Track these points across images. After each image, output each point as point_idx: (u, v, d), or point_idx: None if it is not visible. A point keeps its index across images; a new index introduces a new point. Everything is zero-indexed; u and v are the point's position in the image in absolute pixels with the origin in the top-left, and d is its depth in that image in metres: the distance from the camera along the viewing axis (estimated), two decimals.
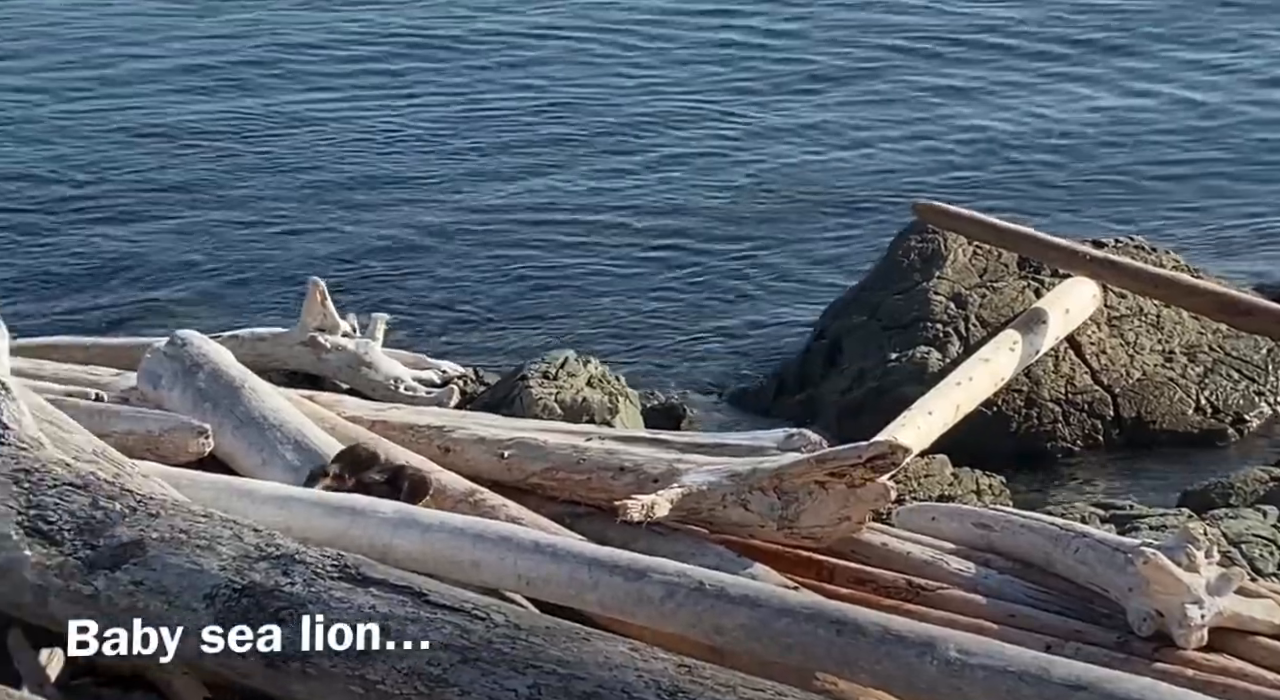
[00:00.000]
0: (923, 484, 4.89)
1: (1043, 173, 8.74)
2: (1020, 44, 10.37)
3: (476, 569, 3.38)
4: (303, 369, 5.51)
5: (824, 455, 3.72)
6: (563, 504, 3.92)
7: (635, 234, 8.02)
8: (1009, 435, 5.74)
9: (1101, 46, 10.30)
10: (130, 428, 4.04)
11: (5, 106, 9.54)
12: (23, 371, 4.33)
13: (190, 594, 2.87)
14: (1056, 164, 8.84)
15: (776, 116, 9.45)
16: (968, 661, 2.94)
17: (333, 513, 3.55)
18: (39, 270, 7.52)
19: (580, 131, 9.22)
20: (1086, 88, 9.79)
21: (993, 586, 3.65)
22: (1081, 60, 10.15)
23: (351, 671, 2.76)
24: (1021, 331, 5.59)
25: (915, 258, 6.18)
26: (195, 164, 8.77)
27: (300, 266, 7.40)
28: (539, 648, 2.72)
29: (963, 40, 10.46)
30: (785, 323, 7.16)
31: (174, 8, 11.16)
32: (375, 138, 9.13)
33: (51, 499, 3.03)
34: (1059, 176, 8.68)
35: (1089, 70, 10.04)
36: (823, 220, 8.19)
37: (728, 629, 3.13)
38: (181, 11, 11.08)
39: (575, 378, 5.35)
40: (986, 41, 10.38)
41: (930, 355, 5.78)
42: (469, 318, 7.20)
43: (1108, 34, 10.46)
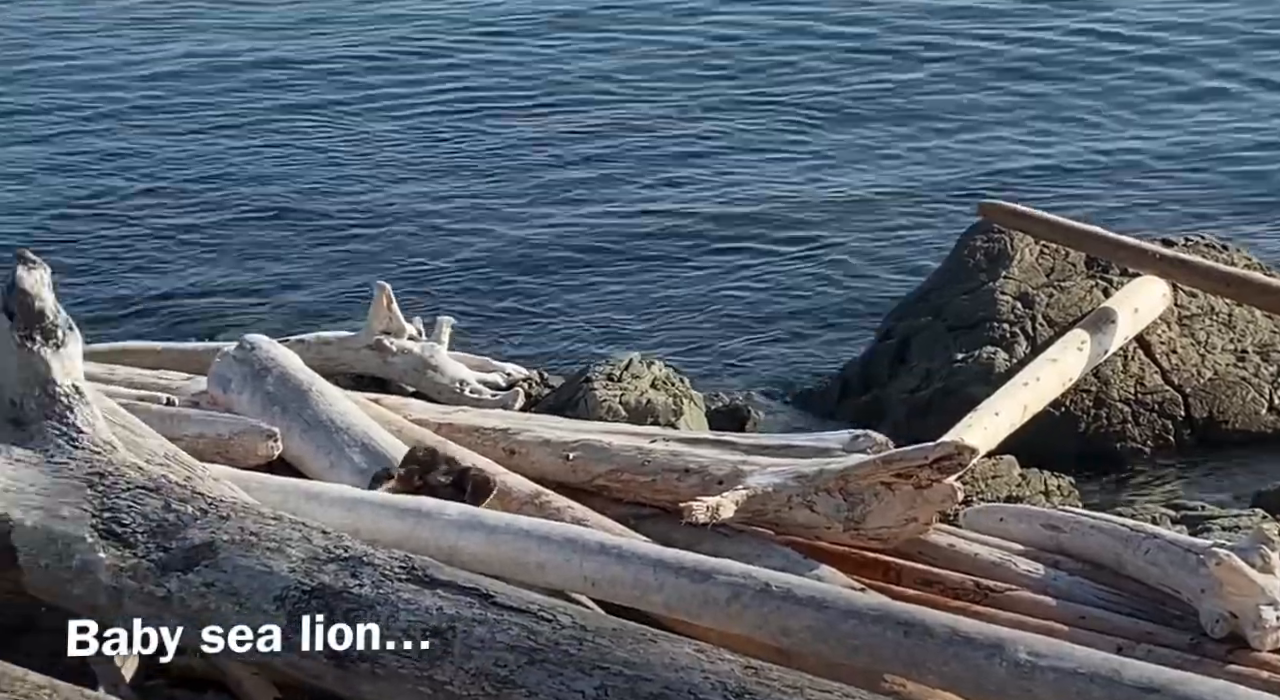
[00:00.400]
0: (990, 485, 4.85)
1: (1110, 172, 8.66)
2: (1085, 48, 10.29)
3: (542, 570, 3.39)
4: (369, 372, 5.54)
5: (890, 456, 3.70)
6: (627, 506, 3.92)
7: (700, 236, 8.02)
8: (1077, 436, 5.68)
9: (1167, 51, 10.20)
10: (201, 431, 4.09)
11: (70, 110, 9.68)
12: (95, 376, 4.38)
13: (261, 596, 2.90)
14: (1125, 163, 8.75)
15: (840, 116, 9.42)
16: (1037, 663, 2.92)
17: (400, 515, 3.58)
18: (111, 276, 7.62)
19: (641, 136, 9.23)
20: (1154, 89, 9.69)
21: (1062, 588, 3.62)
22: (1148, 62, 10.05)
23: (420, 672, 2.78)
24: (1090, 331, 5.53)
25: (981, 257, 6.14)
26: (263, 169, 8.87)
27: (366, 270, 7.46)
28: (605, 649, 2.72)
29: (1030, 43, 10.38)
30: (850, 323, 7.13)
31: (245, 11, 11.28)
32: (440, 144, 9.18)
33: (125, 502, 3.07)
34: (1127, 175, 8.60)
35: (1155, 70, 9.94)
36: (888, 220, 8.16)
37: (794, 630, 3.12)
38: (250, 16, 11.20)
39: (640, 380, 5.35)
40: (1049, 49, 10.31)
41: (997, 355, 5.73)
42: (534, 320, 7.22)
43: (1171, 36, 10.36)
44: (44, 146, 9.19)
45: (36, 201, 8.47)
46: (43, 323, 3.27)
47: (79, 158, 9.04)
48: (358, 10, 11.26)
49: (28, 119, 9.58)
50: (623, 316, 7.25)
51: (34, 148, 9.17)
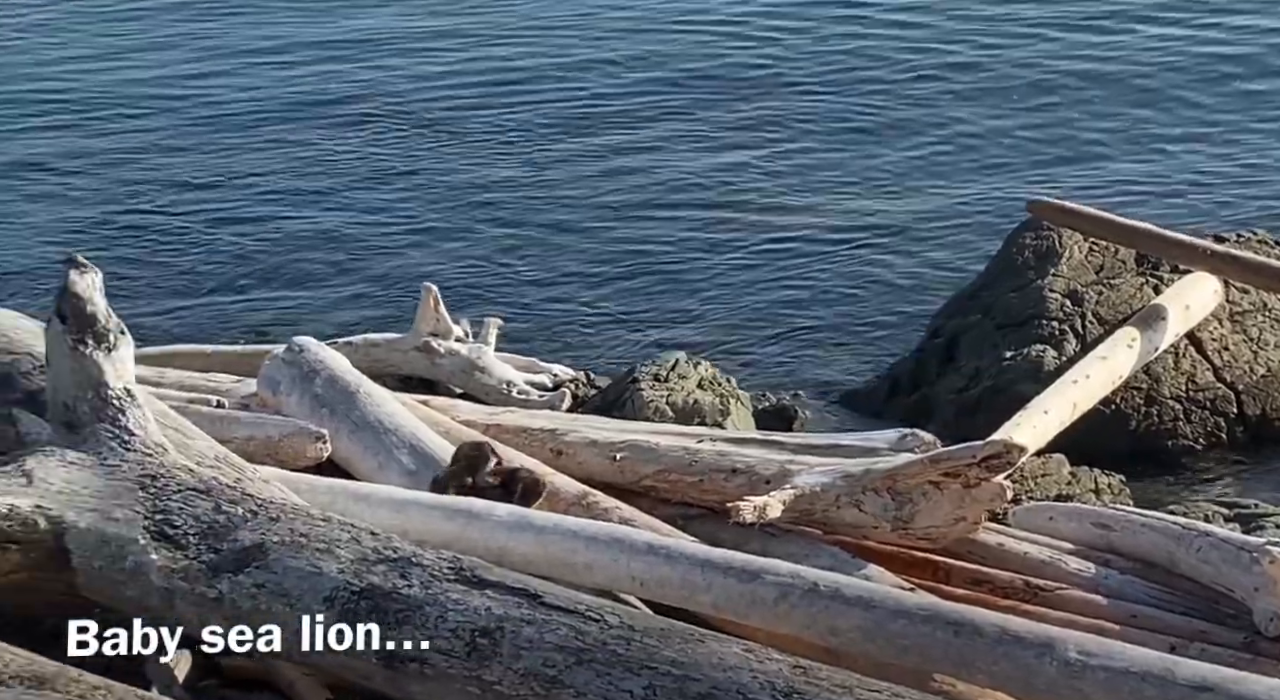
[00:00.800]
0: (1040, 483, 4.82)
1: (1160, 167, 8.59)
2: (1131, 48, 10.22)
3: (590, 571, 3.40)
4: (417, 374, 5.57)
5: (938, 455, 3.69)
6: (675, 506, 3.92)
7: (746, 234, 8.00)
8: (1128, 433, 5.64)
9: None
10: (250, 433, 4.12)
11: (118, 114, 9.77)
12: (146, 379, 4.42)
13: (311, 596, 2.92)
14: (1175, 158, 8.68)
15: (888, 113, 9.38)
16: (1088, 662, 2.90)
17: (449, 516, 3.60)
18: (160, 280, 7.69)
19: (686, 138, 9.23)
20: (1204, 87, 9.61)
21: (1113, 587, 3.59)
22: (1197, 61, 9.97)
23: (469, 673, 2.79)
24: (1140, 328, 5.48)
25: (1030, 255, 6.10)
26: (310, 171, 8.92)
27: (413, 272, 7.49)
28: (653, 649, 2.72)
29: (1075, 44, 10.31)
30: (898, 322, 7.10)
31: (289, 14, 11.36)
32: (484, 144, 9.21)
33: (176, 504, 3.10)
34: (1177, 171, 8.52)
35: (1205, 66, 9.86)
36: (936, 218, 8.12)
37: (842, 630, 3.11)
38: (293, 19, 11.28)
39: (686, 380, 5.35)
40: (1095, 49, 10.23)
41: (1046, 353, 5.69)
42: (580, 321, 7.23)
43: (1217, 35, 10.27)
44: (93, 151, 9.28)
45: (87, 205, 8.56)
46: (95, 326, 3.31)
47: (128, 162, 9.12)
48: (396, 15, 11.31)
49: (76, 123, 9.67)
50: (669, 316, 7.25)
51: (84, 152, 9.26)
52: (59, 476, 3.16)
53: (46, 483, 3.14)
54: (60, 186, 8.79)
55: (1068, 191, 7.51)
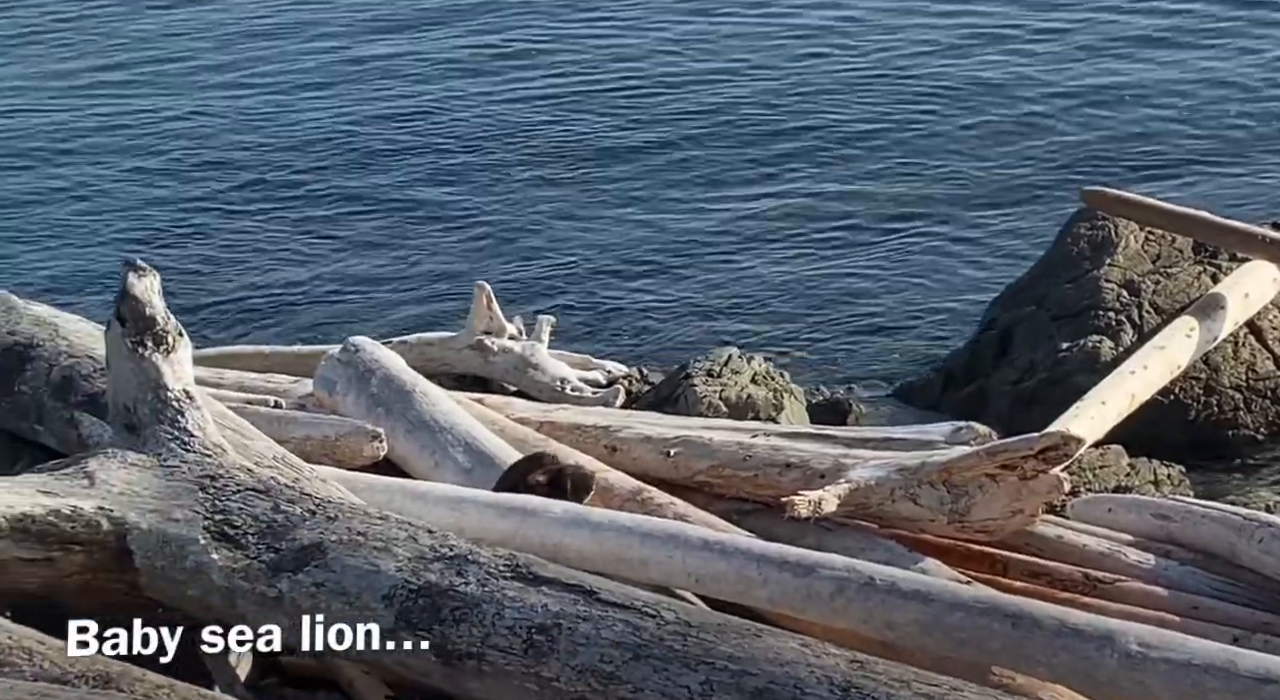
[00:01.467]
0: (1098, 475, 4.78)
1: (1216, 155, 8.49)
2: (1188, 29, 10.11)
3: (645, 567, 3.40)
4: (471, 372, 5.59)
5: (994, 447, 3.67)
6: (729, 501, 3.92)
7: (797, 228, 7.98)
8: (1187, 424, 5.58)
9: None
10: (308, 433, 4.15)
11: (175, 117, 9.86)
12: (204, 380, 4.47)
13: (369, 595, 2.94)
14: (1232, 146, 8.58)
15: (938, 105, 9.33)
16: (1149, 655, 2.88)
17: (504, 514, 3.61)
18: (218, 282, 7.76)
19: (736, 130, 9.21)
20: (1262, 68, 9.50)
21: (1174, 578, 3.56)
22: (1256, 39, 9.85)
23: (526, 669, 2.80)
24: (1198, 317, 5.42)
25: (1085, 245, 6.04)
26: (363, 172, 8.98)
27: (466, 271, 7.52)
28: (710, 644, 2.72)
29: (1130, 26, 10.22)
30: (952, 315, 7.06)
31: (351, 10, 11.43)
32: (536, 144, 9.23)
33: (235, 504, 3.13)
34: (1234, 159, 8.43)
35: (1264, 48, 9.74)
36: (989, 209, 8.06)
37: (900, 624, 3.10)
38: (354, 15, 11.35)
39: (739, 375, 5.34)
40: (1151, 32, 10.13)
41: (1103, 344, 5.64)
42: (633, 317, 7.24)
43: None
44: (152, 153, 9.38)
45: (145, 209, 8.65)
46: (153, 329, 3.34)
47: (185, 164, 9.21)
48: (453, 8, 11.35)
49: (134, 125, 9.78)
50: (722, 312, 7.24)
51: (142, 154, 9.36)
52: (120, 478, 3.19)
53: (108, 484, 3.17)
54: (118, 191, 8.89)
55: (1123, 180, 7.45)
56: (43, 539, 3.08)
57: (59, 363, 4.06)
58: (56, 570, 3.11)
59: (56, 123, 9.91)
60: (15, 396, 4.12)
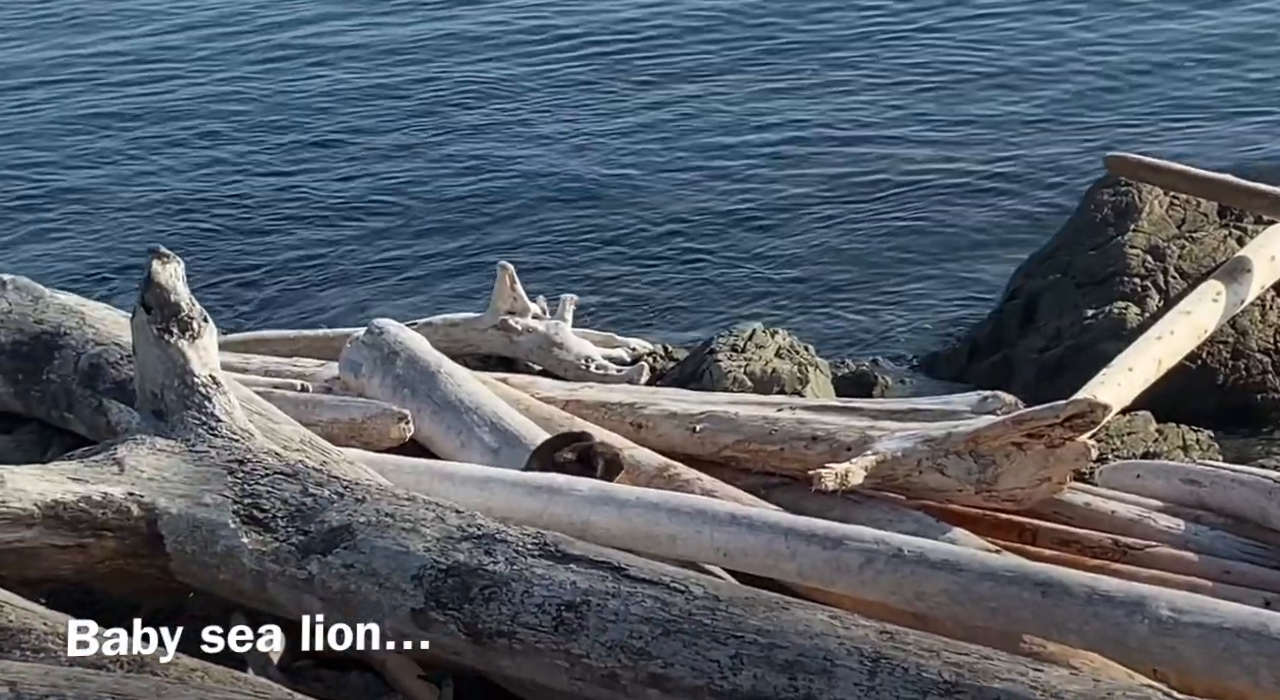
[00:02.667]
0: (1126, 442, 4.76)
1: (1241, 118, 8.43)
2: None
3: (673, 542, 3.41)
4: (495, 352, 5.60)
5: (1021, 416, 3.66)
6: (756, 475, 3.93)
7: (818, 201, 7.96)
8: (1215, 388, 5.54)
9: None
10: (334, 416, 4.17)
11: (198, 106, 9.89)
12: (231, 365, 4.49)
13: (399, 575, 2.95)
14: (1254, 109, 8.52)
15: (959, 74, 9.28)
16: (1180, 620, 2.87)
17: (531, 492, 3.62)
18: (243, 267, 7.79)
19: (754, 105, 9.19)
20: None
21: (1204, 543, 3.55)
22: None
23: (556, 646, 2.81)
24: (1225, 282, 5.38)
25: (1109, 211, 6.01)
26: (384, 154, 8.98)
27: (489, 251, 7.53)
28: (739, 618, 2.73)
29: None
30: (976, 284, 7.04)
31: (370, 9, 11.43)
32: (556, 123, 9.22)
33: (264, 487, 3.14)
34: (1257, 122, 8.37)
35: None
36: (1012, 178, 8.02)
37: (929, 594, 3.10)
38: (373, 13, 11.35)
39: (764, 349, 5.33)
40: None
41: (1128, 311, 5.61)
42: (656, 293, 7.24)
43: None
44: (174, 141, 9.41)
45: (167, 196, 8.68)
46: (178, 315, 3.36)
47: (207, 150, 9.23)
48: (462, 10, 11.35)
49: (157, 116, 9.81)
50: (745, 285, 7.23)
51: (163, 147, 9.39)
52: (149, 464, 3.21)
53: (138, 470, 3.20)
54: (142, 180, 8.92)
55: (1146, 145, 7.40)
56: (75, 526, 3.10)
57: (86, 351, 4.08)
58: (89, 556, 3.14)
59: (78, 112, 9.95)
60: (44, 385, 4.15)
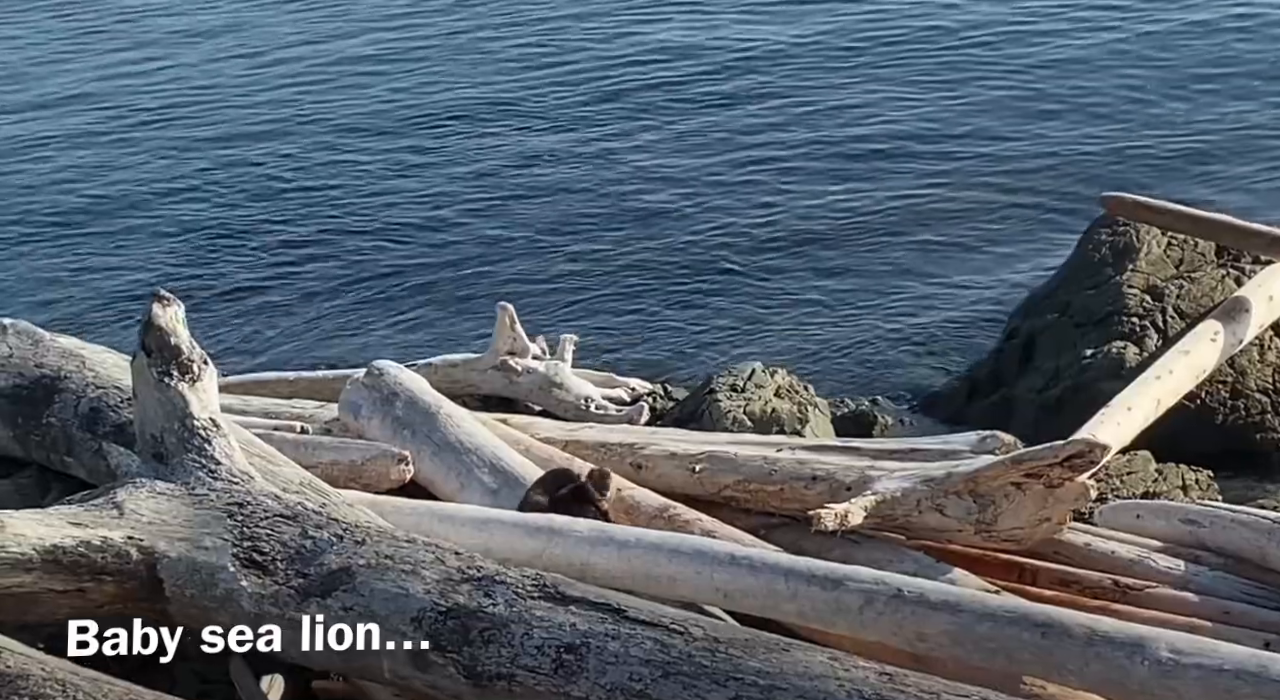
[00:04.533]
0: (1125, 482, 4.76)
1: (1236, 158, 8.46)
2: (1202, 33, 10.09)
3: (673, 583, 3.41)
4: (495, 393, 5.61)
5: (1020, 456, 3.66)
6: (756, 515, 3.92)
7: (817, 243, 7.98)
8: (1215, 428, 5.55)
9: None
10: (334, 458, 4.17)
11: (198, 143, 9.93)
12: (231, 408, 4.49)
13: (398, 617, 2.95)
14: (1251, 148, 8.56)
15: (956, 115, 9.33)
16: (1181, 661, 2.86)
17: (531, 533, 3.62)
18: (241, 311, 7.80)
19: (754, 146, 9.23)
20: None
21: (1204, 584, 3.55)
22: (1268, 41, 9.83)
23: (556, 689, 2.80)
24: (1223, 321, 5.40)
25: (1107, 251, 6.03)
26: (383, 197, 9.01)
27: (488, 292, 7.55)
28: (739, 660, 2.72)
29: (1146, 33, 10.21)
30: (975, 324, 7.05)
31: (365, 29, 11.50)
32: (553, 164, 9.26)
33: (264, 530, 3.14)
34: (1254, 161, 8.40)
35: None
36: (1009, 218, 8.05)
37: (929, 635, 3.10)
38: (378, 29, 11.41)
39: (763, 389, 5.34)
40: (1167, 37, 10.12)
41: (1127, 350, 5.63)
42: (655, 334, 7.25)
43: None
44: (172, 183, 9.44)
45: (166, 238, 8.71)
46: (179, 358, 3.37)
47: (207, 193, 9.27)
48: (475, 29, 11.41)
49: (159, 153, 9.85)
50: (743, 326, 7.24)
51: (162, 184, 9.42)
52: (149, 507, 3.21)
53: (137, 514, 3.19)
54: (141, 222, 8.95)
55: (1144, 186, 7.43)
56: (74, 570, 3.10)
57: (86, 394, 4.08)
58: (88, 601, 3.13)
59: (75, 154, 9.99)
60: (44, 429, 4.15)
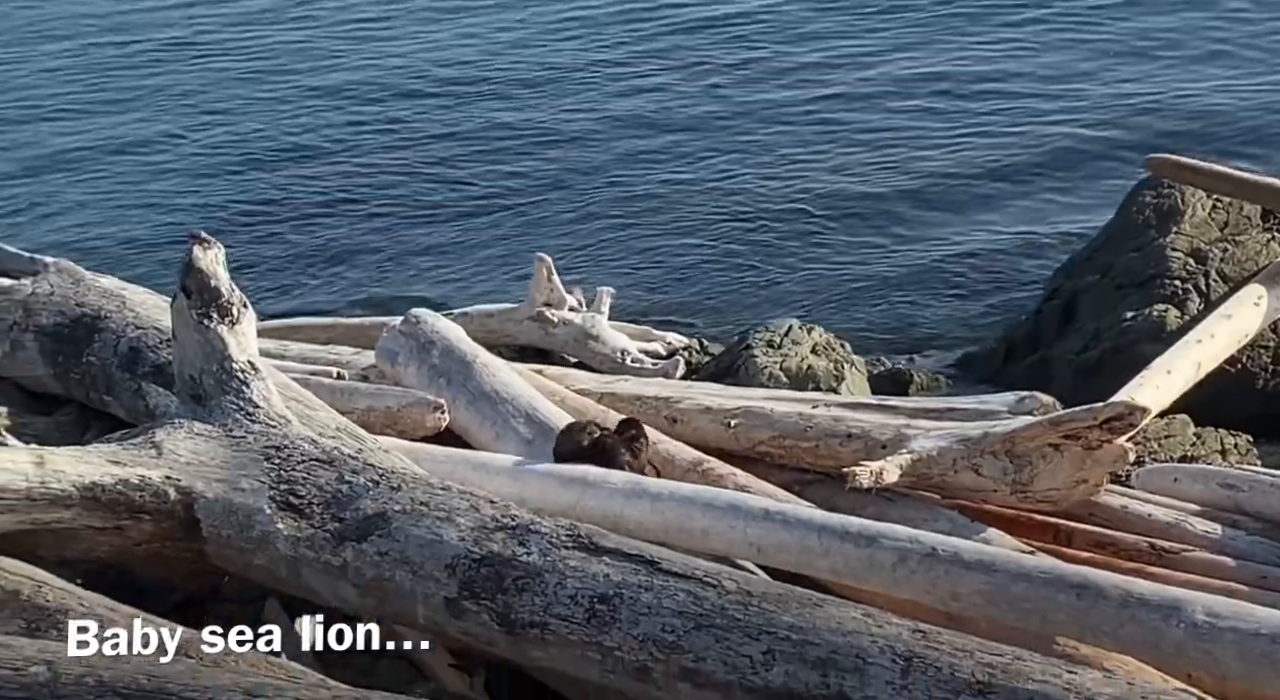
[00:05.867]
0: (1163, 445, 4.73)
1: None
2: None
3: (706, 537, 3.41)
4: (531, 343, 5.61)
5: (1058, 417, 3.64)
6: (790, 472, 3.92)
7: (858, 199, 7.94)
8: (1255, 393, 5.50)
9: None
10: (370, 404, 4.18)
11: (239, 95, 9.93)
12: (269, 352, 4.51)
13: (433, 564, 2.96)
14: None
15: (998, 76, 9.24)
16: (1217, 625, 2.85)
17: (565, 484, 3.62)
18: (281, 255, 7.82)
19: (795, 99, 9.17)
20: None
21: (1242, 548, 3.52)
22: None
23: (588, 638, 2.81)
24: (1267, 285, 5.33)
25: (1150, 214, 5.97)
26: (425, 146, 9.01)
27: (527, 244, 7.54)
28: (771, 614, 2.72)
29: None
30: (1014, 284, 7.01)
31: None
32: (596, 117, 9.23)
33: (300, 474, 3.15)
34: None
35: None
36: (1051, 178, 7.99)
37: (963, 594, 3.09)
38: None
39: (800, 345, 5.32)
40: None
41: (1168, 313, 5.58)
42: (693, 288, 7.23)
43: None
44: (214, 130, 9.45)
45: (210, 182, 8.73)
46: (218, 301, 3.37)
47: (248, 139, 9.28)
48: None
49: (200, 103, 9.86)
50: (782, 283, 7.22)
51: (205, 131, 9.44)
52: (187, 448, 3.23)
53: (175, 454, 3.21)
54: (184, 164, 8.98)
55: (1190, 146, 7.35)
56: (112, 508, 3.12)
57: (126, 334, 4.10)
58: (126, 538, 3.16)
59: (120, 96, 10.01)
60: (84, 367, 4.18)
